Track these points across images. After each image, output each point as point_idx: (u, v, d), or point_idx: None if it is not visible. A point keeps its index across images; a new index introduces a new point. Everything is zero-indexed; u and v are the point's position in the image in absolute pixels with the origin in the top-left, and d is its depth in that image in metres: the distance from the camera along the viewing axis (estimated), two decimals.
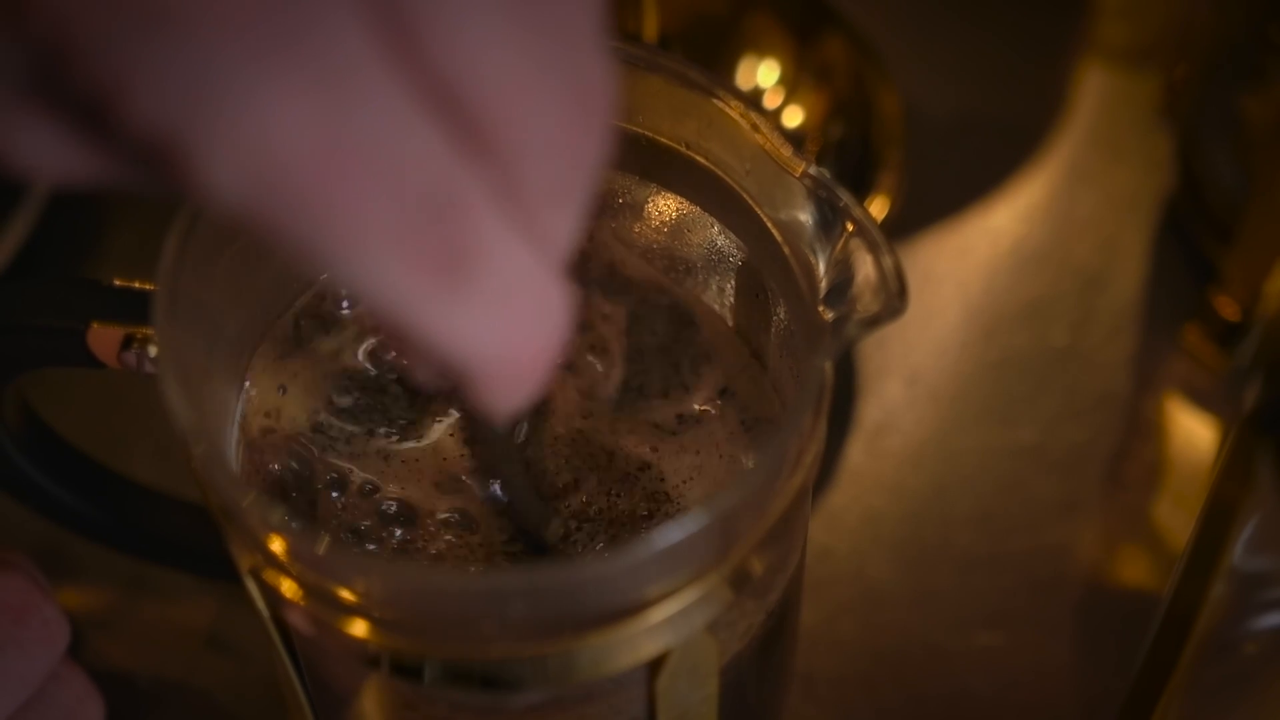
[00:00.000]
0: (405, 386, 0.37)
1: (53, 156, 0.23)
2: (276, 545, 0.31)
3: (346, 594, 0.31)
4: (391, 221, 0.22)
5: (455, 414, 0.37)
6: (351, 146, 0.21)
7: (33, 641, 0.39)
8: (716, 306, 0.38)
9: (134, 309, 0.35)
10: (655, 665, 0.33)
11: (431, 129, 0.22)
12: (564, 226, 0.25)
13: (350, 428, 0.37)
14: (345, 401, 0.37)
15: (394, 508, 0.36)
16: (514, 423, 0.25)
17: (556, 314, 0.25)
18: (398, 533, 0.36)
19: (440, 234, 0.22)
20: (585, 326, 0.38)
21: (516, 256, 0.23)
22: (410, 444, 0.37)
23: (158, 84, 0.21)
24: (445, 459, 0.37)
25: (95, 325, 0.36)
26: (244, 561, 0.33)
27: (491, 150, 0.23)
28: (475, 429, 0.35)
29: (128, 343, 0.35)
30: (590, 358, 0.38)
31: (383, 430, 0.37)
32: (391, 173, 0.22)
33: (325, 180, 0.21)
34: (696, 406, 0.37)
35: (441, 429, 0.37)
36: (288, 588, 0.32)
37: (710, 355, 0.38)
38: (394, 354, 0.37)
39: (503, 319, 0.24)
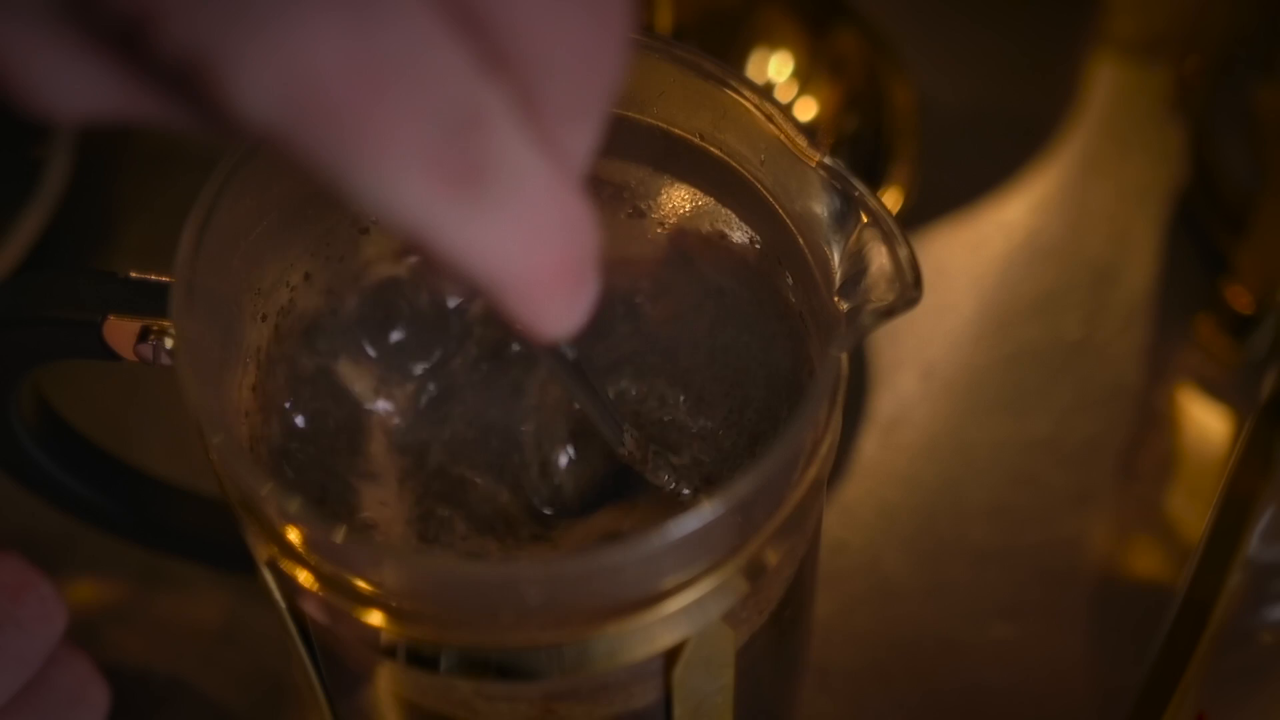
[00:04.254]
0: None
1: (76, 89, 0.23)
2: (294, 535, 0.31)
3: (363, 583, 0.31)
4: (417, 137, 0.22)
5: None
6: (381, 65, 0.22)
7: (31, 619, 0.39)
8: None
9: (150, 301, 0.35)
10: (671, 655, 0.33)
11: (456, 47, 0.22)
12: (582, 142, 0.25)
13: None
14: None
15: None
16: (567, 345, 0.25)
17: (577, 226, 0.25)
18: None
19: (462, 147, 0.23)
20: None
21: (535, 169, 0.24)
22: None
23: (192, 4, 0.21)
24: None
25: (111, 318, 0.36)
26: (261, 552, 0.33)
27: (512, 67, 0.23)
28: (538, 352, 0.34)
29: (143, 335, 0.35)
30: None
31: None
32: (418, 90, 0.22)
33: (355, 99, 0.22)
34: None
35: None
36: (304, 578, 0.32)
37: None
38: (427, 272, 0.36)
39: (523, 230, 0.24)
